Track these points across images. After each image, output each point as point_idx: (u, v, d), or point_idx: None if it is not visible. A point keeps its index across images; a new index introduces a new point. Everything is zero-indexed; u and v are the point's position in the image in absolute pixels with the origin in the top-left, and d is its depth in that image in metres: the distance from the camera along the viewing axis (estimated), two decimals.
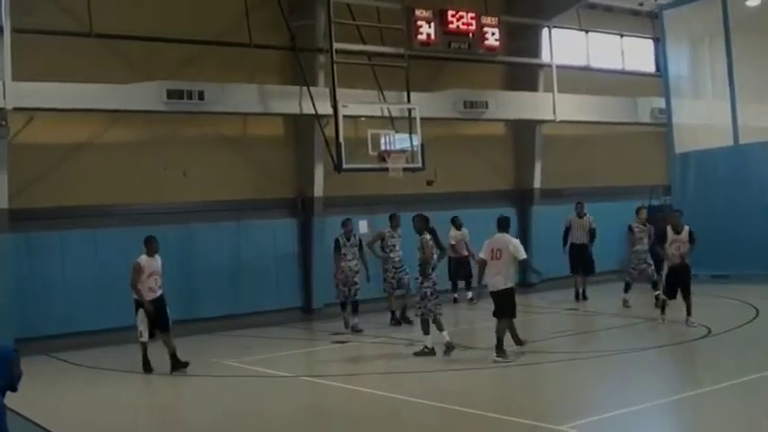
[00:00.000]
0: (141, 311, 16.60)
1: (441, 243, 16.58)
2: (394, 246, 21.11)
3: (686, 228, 18.31)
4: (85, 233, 21.33)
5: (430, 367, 15.65)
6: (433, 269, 16.34)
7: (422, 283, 16.34)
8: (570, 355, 15.39)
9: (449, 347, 15.93)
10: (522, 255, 15.72)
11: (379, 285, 21.29)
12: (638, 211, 22.29)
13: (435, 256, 16.41)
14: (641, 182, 29.64)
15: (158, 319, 16.61)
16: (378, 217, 24.26)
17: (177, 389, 15.16)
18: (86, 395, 14.80)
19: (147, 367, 16.45)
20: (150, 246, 16.98)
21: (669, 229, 18.27)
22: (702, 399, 11.66)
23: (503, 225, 16.03)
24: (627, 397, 11.69)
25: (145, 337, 16.52)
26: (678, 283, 18.09)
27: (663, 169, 29.27)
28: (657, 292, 20.20)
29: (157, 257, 16.99)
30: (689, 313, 17.84)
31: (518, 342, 16.14)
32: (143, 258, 16.78)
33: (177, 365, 16.11)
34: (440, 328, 16.13)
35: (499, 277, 15.44)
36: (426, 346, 16.03)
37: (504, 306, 15.46)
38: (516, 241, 15.87)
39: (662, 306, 18.78)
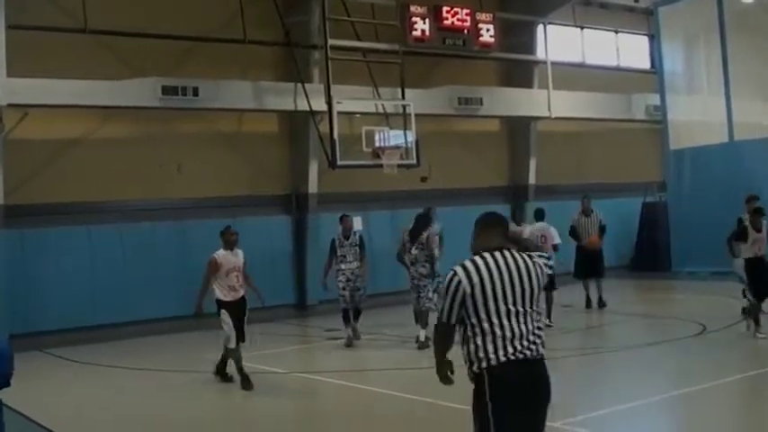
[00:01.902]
0: (224, 312, 14.57)
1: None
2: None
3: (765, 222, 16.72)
4: (80, 229, 21.32)
5: (427, 363, 15.65)
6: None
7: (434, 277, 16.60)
8: (563, 353, 15.40)
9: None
10: (559, 239, 19.11)
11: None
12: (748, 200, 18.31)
13: (437, 251, 16.78)
14: (636, 178, 29.69)
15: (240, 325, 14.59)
16: (372, 213, 24.28)
17: (170, 385, 15.13)
18: (80, 391, 14.80)
19: (224, 377, 14.77)
20: (228, 238, 15.00)
21: (749, 226, 16.74)
22: (701, 395, 11.68)
23: (540, 215, 20.01)
24: (621, 394, 11.71)
25: (232, 343, 14.38)
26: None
27: (658, 166, 29.27)
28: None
29: (238, 252, 15.06)
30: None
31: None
32: (220, 253, 14.88)
33: (247, 384, 14.07)
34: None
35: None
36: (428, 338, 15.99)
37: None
38: (554, 228, 19.20)
39: (755, 315, 16.34)
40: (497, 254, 6.55)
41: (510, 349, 6.30)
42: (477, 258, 6.54)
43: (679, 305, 18.74)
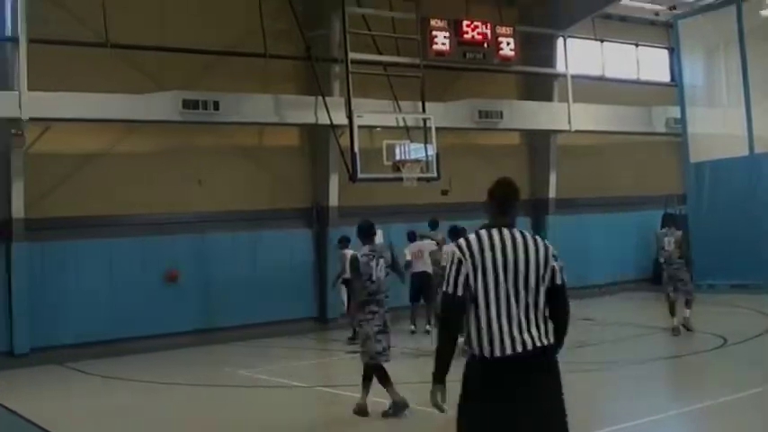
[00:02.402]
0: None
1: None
2: None
3: None
4: (100, 243, 21.39)
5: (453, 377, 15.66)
6: None
7: None
8: (584, 366, 15.35)
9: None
10: None
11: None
12: None
13: None
14: (656, 191, 29.58)
15: None
16: (392, 227, 24.26)
17: (190, 399, 15.15)
18: (99, 405, 14.79)
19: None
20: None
21: None
22: (717, 410, 11.61)
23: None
24: (640, 408, 11.64)
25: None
26: None
27: (678, 179, 29.16)
28: None
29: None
30: None
31: None
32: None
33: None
34: None
35: None
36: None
37: None
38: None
39: None
40: (505, 231, 6.31)
41: (496, 342, 6.01)
42: (483, 233, 6.25)
43: (700, 318, 18.62)
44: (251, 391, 15.42)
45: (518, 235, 6.32)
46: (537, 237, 6.47)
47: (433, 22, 23.34)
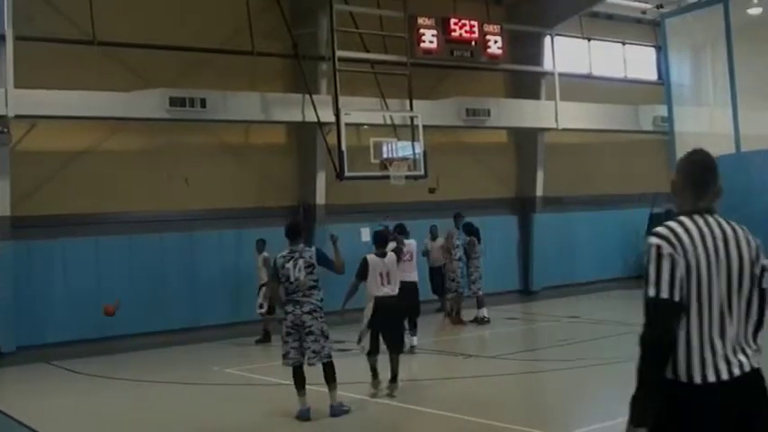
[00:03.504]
0: None
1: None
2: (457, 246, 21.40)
3: None
4: (87, 241, 21.35)
5: (431, 375, 15.70)
6: None
7: None
8: (572, 364, 15.36)
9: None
10: None
11: None
12: None
13: None
14: (643, 189, 29.60)
15: None
16: (379, 225, 24.23)
17: (176, 398, 15.11)
18: (86, 403, 14.76)
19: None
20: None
21: None
22: None
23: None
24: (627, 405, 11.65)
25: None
26: None
27: (665, 177, 29.10)
28: None
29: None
30: None
31: None
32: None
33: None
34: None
35: None
36: None
37: None
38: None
39: None
40: (710, 219, 4.83)
41: (709, 364, 4.58)
42: (687, 221, 4.77)
43: None
44: (237, 389, 15.40)
45: (725, 225, 4.85)
46: (742, 226, 4.93)
47: (420, 20, 23.38)
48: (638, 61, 31.64)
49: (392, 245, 15.43)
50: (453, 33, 23.78)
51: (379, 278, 13.46)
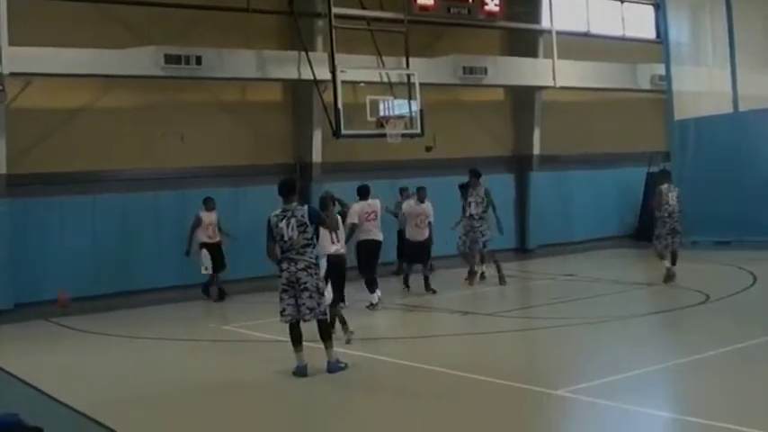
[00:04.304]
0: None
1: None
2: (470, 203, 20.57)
3: None
4: (83, 198, 21.38)
5: (426, 332, 15.76)
6: None
7: None
8: (566, 321, 15.40)
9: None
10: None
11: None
12: None
13: None
14: (640, 149, 29.57)
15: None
16: (377, 183, 24.19)
17: (174, 355, 15.15)
18: (84, 360, 14.79)
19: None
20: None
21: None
22: (699, 365, 11.67)
23: (364, 192, 18.59)
24: (623, 363, 11.69)
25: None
26: None
27: (662, 136, 29.17)
28: None
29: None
30: None
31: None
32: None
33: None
34: None
35: None
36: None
37: None
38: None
39: None
40: None
41: None
42: None
43: (683, 275, 18.71)
44: (231, 345, 15.45)
45: None
46: None
47: None
48: (636, 19, 31.49)
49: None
50: None
51: (331, 236, 14.61)
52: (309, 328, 12.21)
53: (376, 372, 12.60)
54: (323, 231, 13.99)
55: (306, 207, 12.31)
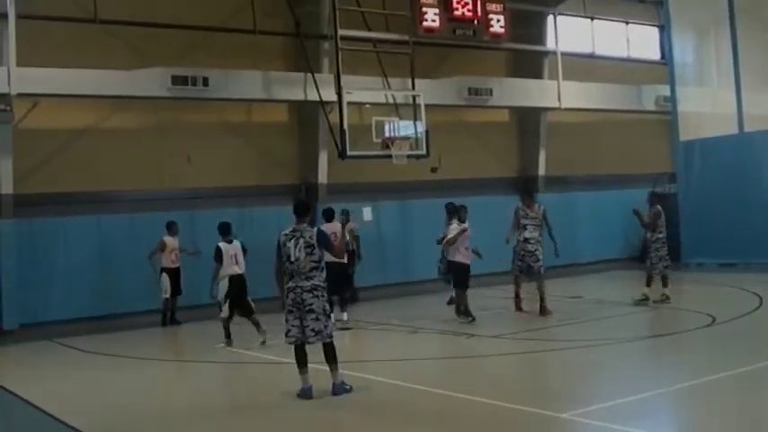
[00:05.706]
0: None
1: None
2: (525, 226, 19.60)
3: None
4: (89, 219, 21.40)
5: (430, 354, 15.73)
6: None
7: None
8: (573, 344, 15.37)
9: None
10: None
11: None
12: None
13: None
14: (646, 170, 29.58)
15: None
16: (382, 204, 24.23)
17: (178, 376, 15.16)
18: (88, 381, 14.78)
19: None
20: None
21: None
22: (705, 388, 11.64)
23: (329, 215, 19.75)
24: (629, 386, 11.67)
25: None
26: None
27: (667, 157, 29.21)
28: None
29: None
30: None
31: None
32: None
33: None
34: None
35: None
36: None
37: None
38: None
39: None
40: None
41: None
42: None
43: (688, 296, 18.70)
44: (240, 367, 15.44)
45: None
46: None
47: None
48: (641, 41, 31.59)
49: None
50: (455, 12, 23.63)
51: (231, 260, 17.17)
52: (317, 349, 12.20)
53: (382, 394, 12.57)
54: (226, 256, 17.09)
55: (315, 229, 12.30)
